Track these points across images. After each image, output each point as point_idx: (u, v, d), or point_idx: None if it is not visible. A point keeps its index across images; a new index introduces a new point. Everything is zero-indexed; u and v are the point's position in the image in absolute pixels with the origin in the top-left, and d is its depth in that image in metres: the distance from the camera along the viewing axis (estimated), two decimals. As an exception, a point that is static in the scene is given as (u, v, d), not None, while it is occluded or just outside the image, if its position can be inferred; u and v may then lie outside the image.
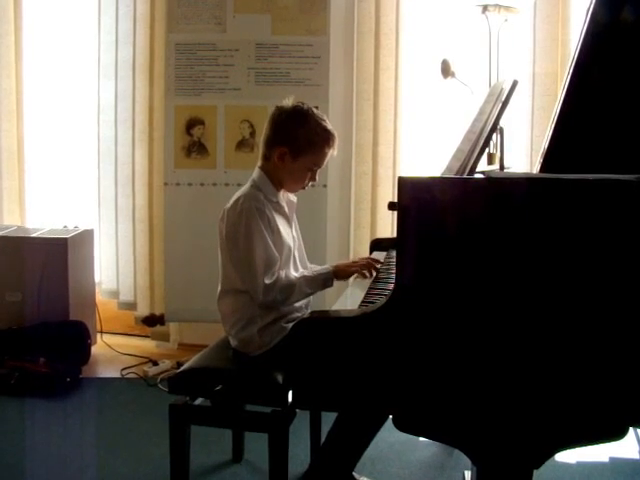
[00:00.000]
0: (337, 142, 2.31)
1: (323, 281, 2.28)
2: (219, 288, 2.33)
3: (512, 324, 1.52)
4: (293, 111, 2.28)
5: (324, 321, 1.62)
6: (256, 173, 2.32)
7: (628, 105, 2.01)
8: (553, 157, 2.11)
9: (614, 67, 2.03)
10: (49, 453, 2.75)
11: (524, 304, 1.51)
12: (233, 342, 2.31)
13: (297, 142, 2.24)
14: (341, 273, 2.31)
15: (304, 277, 2.26)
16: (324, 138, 2.26)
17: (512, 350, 1.53)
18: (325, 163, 2.32)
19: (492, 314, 1.52)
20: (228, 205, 2.27)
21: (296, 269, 2.35)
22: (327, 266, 2.34)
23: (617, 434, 1.54)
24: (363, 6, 3.72)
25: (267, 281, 2.16)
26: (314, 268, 2.40)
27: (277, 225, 2.25)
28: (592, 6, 2.01)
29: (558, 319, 1.51)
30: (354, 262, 2.38)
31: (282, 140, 2.26)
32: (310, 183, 2.34)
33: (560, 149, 2.09)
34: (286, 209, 2.35)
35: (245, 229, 2.19)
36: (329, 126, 2.29)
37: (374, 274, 2.31)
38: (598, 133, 2.03)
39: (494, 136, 2.30)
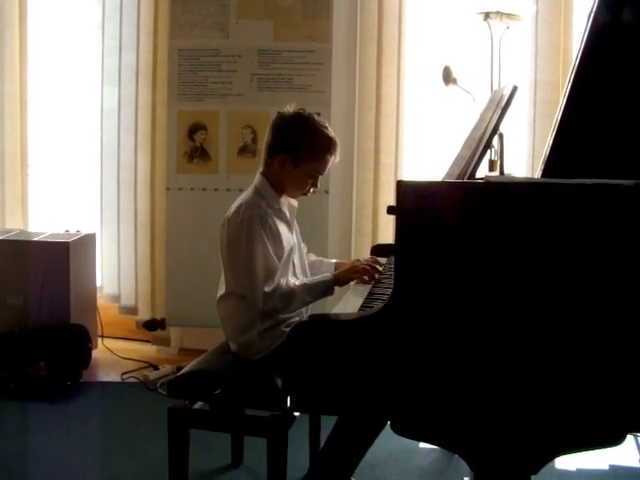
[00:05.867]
0: (339, 149, 2.29)
1: (324, 289, 2.26)
2: (219, 292, 2.33)
3: (510, 328, 1.52)
4: (294, 118, 2.27)
5: (322, 324, 1.63)
6: (258, 179, 2.31)
7: (629, 112, 2.02)
8: (554, 164, 2.11)
9: (615, 74, 2.03)
10: (49, 457, 2.75)
11: (523, 308, 1.52)
12: (233, 346, 2.31)
13: (297, 150, 2.23)
14: (341, 280, 2.30)
15: (304, 285, 2.25)
16: (325, 145, 2.25)
17: (510, 354, 1.53)
18: (327, 170, 2.32)
19: (491, 318, 1.53)
20: (229, 213, 2.26)
21: (295, 275, 2.34)
22: (327, 274, 2.34)
23: (614, 440, 1.54)
24: (366, 13, 3.73)
25: (267, 289, 2.15)
26: (315, 277, 2.39)
27: (278, 231, 2.24)
28: (593, 14, 2.01)
29: (557, 323, 1.52)
30: (354, 265, 2.37)
31: (283, 147, 2.25)
32: (312, 190, 2.34)
33: (561, 156, 2.10)
34: (287, 214, 2.35)
35: (246, 237, 2.18)
36: (331, 133, 2.27)
37: (376, 276, 2.31)
38: (599, 140, 2.04)
39: (494, 143, 2.30)
